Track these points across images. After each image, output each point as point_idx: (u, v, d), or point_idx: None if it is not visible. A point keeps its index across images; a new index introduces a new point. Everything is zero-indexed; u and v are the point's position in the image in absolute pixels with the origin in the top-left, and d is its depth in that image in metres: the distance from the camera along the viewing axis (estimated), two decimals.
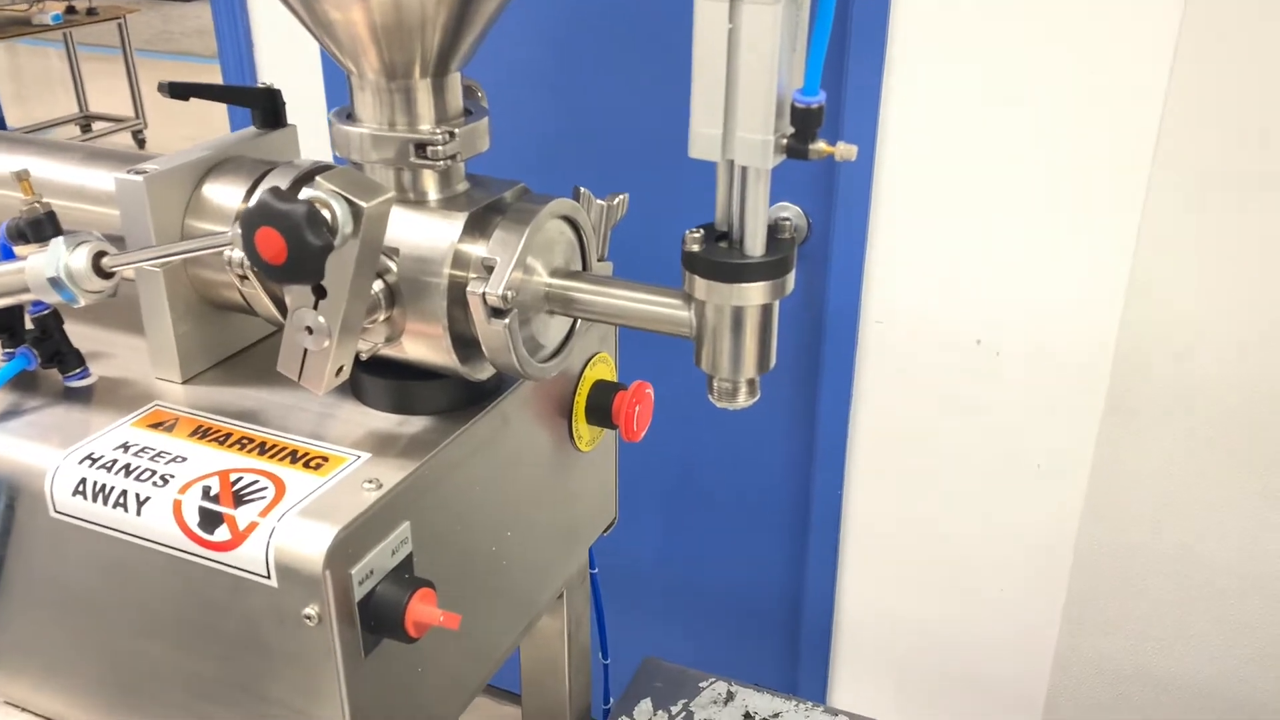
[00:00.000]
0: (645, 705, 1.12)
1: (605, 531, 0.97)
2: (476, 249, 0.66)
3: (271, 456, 0.67)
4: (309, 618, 0.61)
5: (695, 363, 0.65)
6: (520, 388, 0.78)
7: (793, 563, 1.77)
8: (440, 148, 0.65)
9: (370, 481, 0.64)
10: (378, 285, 0.66)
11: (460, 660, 0.77)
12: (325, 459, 0.67)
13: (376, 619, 0.64)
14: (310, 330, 0.62)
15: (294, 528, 0.61)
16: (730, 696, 1.12)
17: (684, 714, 1.11)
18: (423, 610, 0.63)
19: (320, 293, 0.61)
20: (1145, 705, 1.73)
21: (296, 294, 0.62)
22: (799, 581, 1.77)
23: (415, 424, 0.72)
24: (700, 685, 1.15)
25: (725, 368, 0.64)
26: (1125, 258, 1.43)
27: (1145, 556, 1.55)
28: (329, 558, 0.60)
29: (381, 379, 0.73)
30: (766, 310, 0.63)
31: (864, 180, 1.52)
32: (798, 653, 1.83)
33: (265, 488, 0.64)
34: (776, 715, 1.10)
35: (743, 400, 0.65)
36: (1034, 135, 1.40)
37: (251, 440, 0.69)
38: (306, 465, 0.66)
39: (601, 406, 0.86)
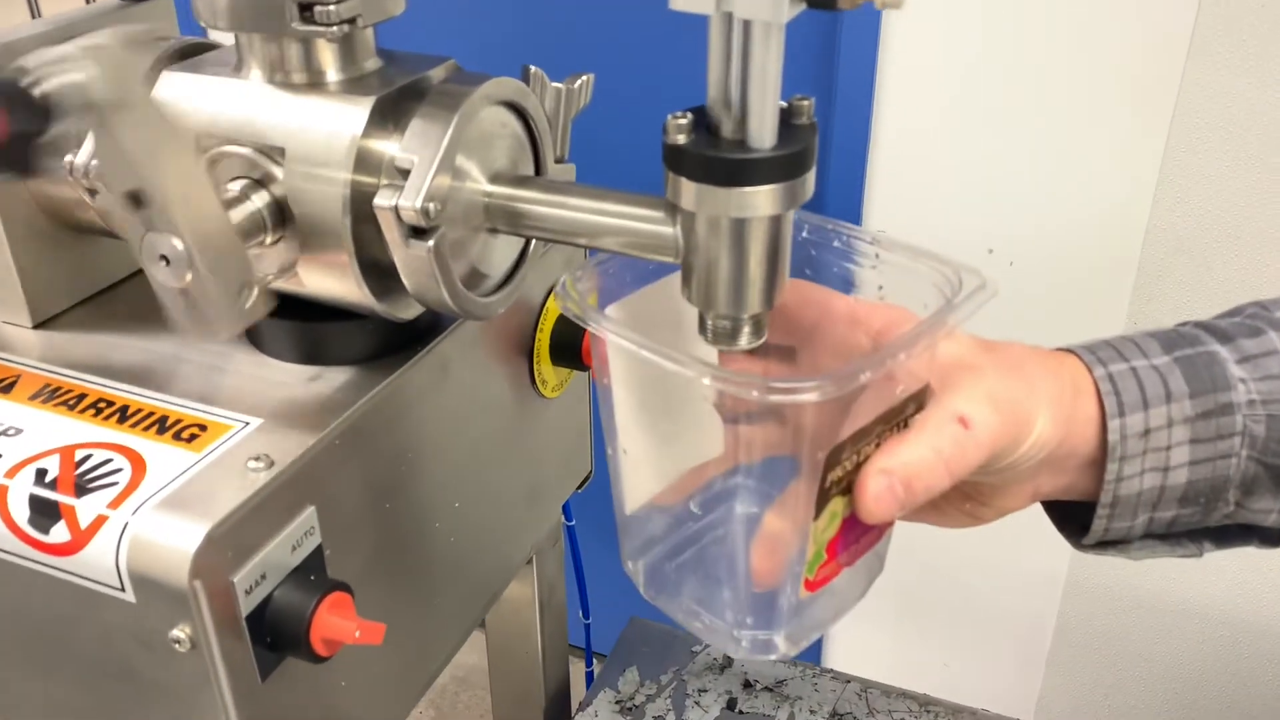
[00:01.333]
0: (632, 675, 0.99)
1: (579, 488, 0.83)
2: (388, 146, 0.49)
3: (133, 425, 0.52)
4: (178, 641, 0.46)
5: (682, 293, 0.49)
6: (465, 325, 0.62)
7: None
8: (331, 7, 0.48)
9: (258, 459, 0.49)
10: (261, 198, 0.50)
11: (397, 662, 0.62)
12: (203, 428, 0.51)
13: (274, 635, 0.49)
14: (167, 260, 0.46)
15: (152, 524, 0.46)
16: (727, 662, 0.99)
17: (675, 683, 0.98)
18: (333, 624, 0.49)
19: (135, 202, 0.44)
20: (1162, 630, 1.65)
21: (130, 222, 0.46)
22: None
23: (330, 378, 0.57)
24: (694, 649, 1.02)
25: (722, 301, 0.48)
26: (1154, 158, 1.29)
27: None
28: (198, 564, 0.45)
29: (283, 322, 0.57)
30: (776, 224, 0.47)
31: (866, 72, 1.37)
32: None
33: (119, 469, 0.49)
34: (781, 683, 0.97)
35: (745, 341, 0.49)
36: (1054, 19, 1.24)
37: (110, 403, 0.53)
38: (178, 437, 0.51)
39: (569, 344, 0.71)
